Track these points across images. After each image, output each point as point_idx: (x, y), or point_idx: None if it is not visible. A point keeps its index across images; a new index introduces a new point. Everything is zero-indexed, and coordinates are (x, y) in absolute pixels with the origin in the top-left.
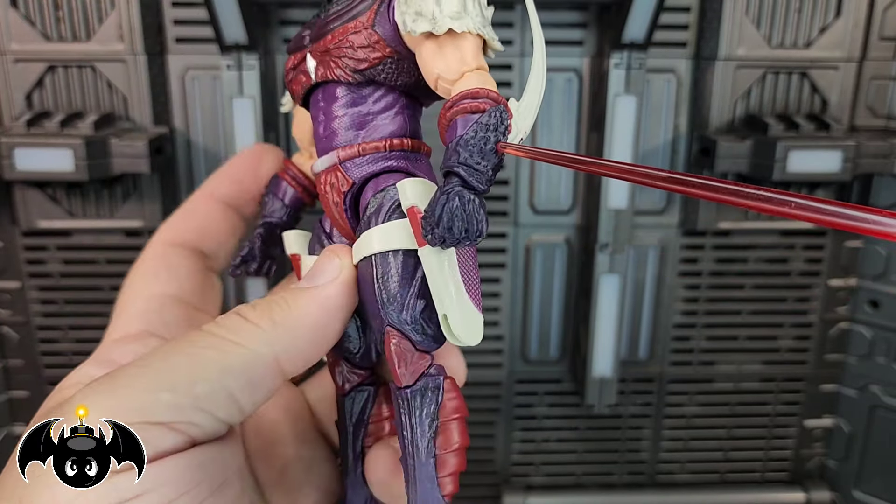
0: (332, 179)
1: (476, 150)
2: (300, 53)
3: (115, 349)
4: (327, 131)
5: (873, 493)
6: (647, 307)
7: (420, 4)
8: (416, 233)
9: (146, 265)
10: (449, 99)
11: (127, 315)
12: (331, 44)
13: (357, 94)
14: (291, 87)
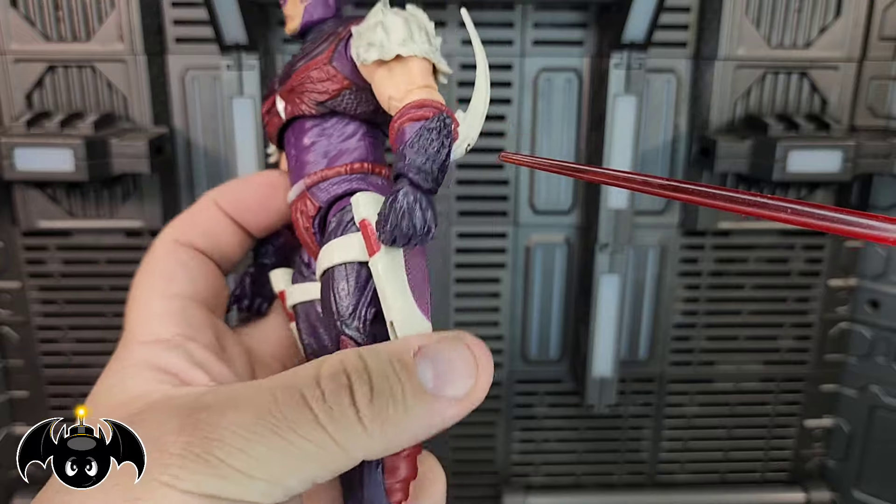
0: (301, 206)
1: (421, 150)
2: (271, 98)
3: (156, 353)
4: (297, 164)
5: (873, 493)
6: (647, 307)
7: (370, 35)
8: (367, 243)
9: (159, 263)
10: (398, 111)
11: (149, 315)
12: (295, 82)
13: (322, 126)
14: (267, 130)
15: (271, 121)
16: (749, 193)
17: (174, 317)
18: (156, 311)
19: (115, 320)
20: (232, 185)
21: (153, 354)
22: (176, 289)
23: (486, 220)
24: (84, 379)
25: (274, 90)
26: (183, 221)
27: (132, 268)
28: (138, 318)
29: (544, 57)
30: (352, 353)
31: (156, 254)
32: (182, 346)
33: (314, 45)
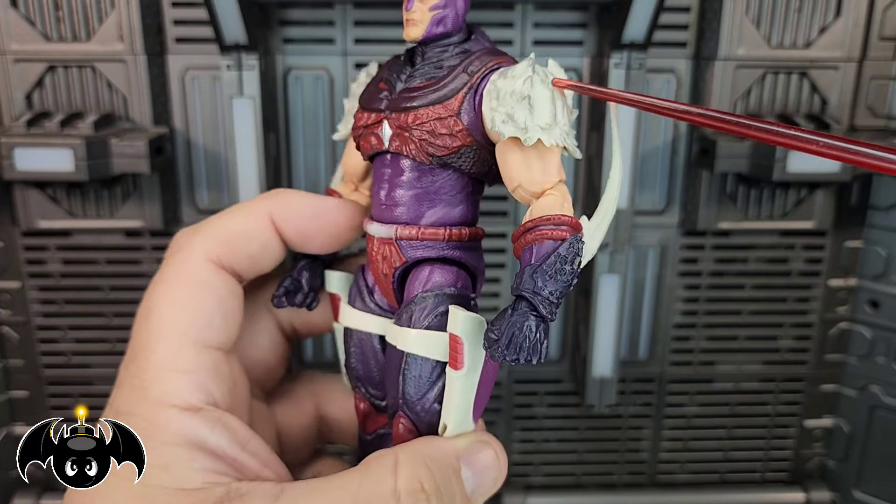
0: (385, 251)
1: (551, 280)
2: (375, 116)
3: (196, 429)
4: (389, 200)
5: (873, 493)
6: (647, 307)
7: (513, 107)
8: (452, 357)
9: (194, 293)
10: (530, 219)
11: (181, 367)
12: (413, 123)
13: (426, 172)
14: (359, 142)
15: (367, 137)
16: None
17: (206, 377)
18: (189, 365)
19: (116, 320)
20: (295, 206)
21: (194, 430)
22: (212, 337)
23: (486, 221)
24: (84, 379)
25: (380, 109)
26: (221, 236)
27: (132, 268)
28: (168, 365)
29: (544, 57)
30: (421, 467)
31: (186, 274)
32: (222, 421)
33: (439, 76)
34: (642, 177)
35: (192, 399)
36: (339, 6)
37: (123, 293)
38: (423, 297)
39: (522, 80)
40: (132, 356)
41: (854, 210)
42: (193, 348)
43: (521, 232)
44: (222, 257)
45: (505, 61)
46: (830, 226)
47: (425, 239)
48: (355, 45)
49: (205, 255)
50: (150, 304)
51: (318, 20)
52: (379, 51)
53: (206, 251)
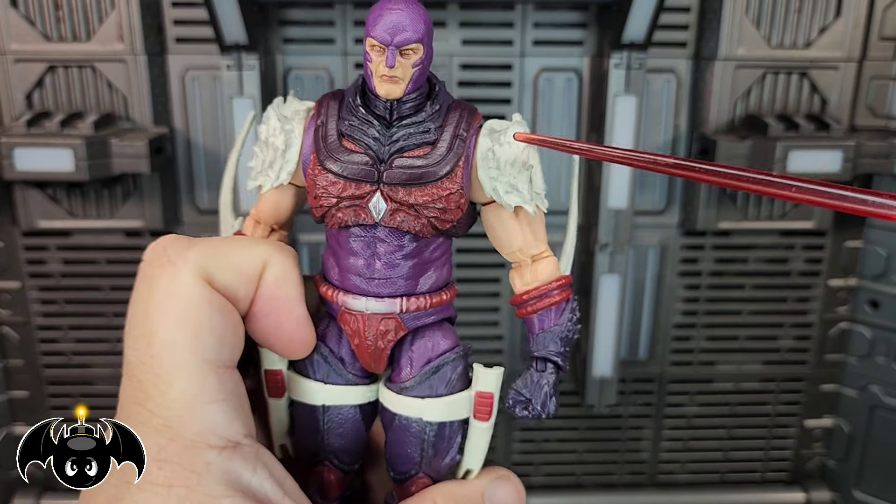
0: (381, 326)
1: (566, 339)
2: (363, 187)
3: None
4: (380, 274)
5: (873, 493)
6: (647, 307)
7: (516, 177)
8: (481, 412)
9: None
10: (542, 285)
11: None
12: (419, 199)
13: (424, 243)
14: (334, 212)
15: (346, 210)
16: (754, 171)
17: (234, 404)
18: (216, 393)
19: (116, 320)
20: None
21: (237, 475)
22: (226, 358)
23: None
24: (84, 379)
25: (370, 179)
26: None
27: (132, 268)
28: (195, 396)
29: (544, 57)
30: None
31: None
32: (261, 459)
33: (429, 141)
34: (642, 177)
35: (228, 433)
36: (339, 6)
37: (123, 293)
38: (438, 366)
39: (521, 148)
40: (143, 391)
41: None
42: (214, 373)
43: (535, 297)
44: (214, 279)
45: (479, 115)
46: (830, 226)
47: (432, 307)
48: (355, 45)
49: (196, 269)
50: (149, 329)
51: (318, 20)
52: None
53: (198, 266)
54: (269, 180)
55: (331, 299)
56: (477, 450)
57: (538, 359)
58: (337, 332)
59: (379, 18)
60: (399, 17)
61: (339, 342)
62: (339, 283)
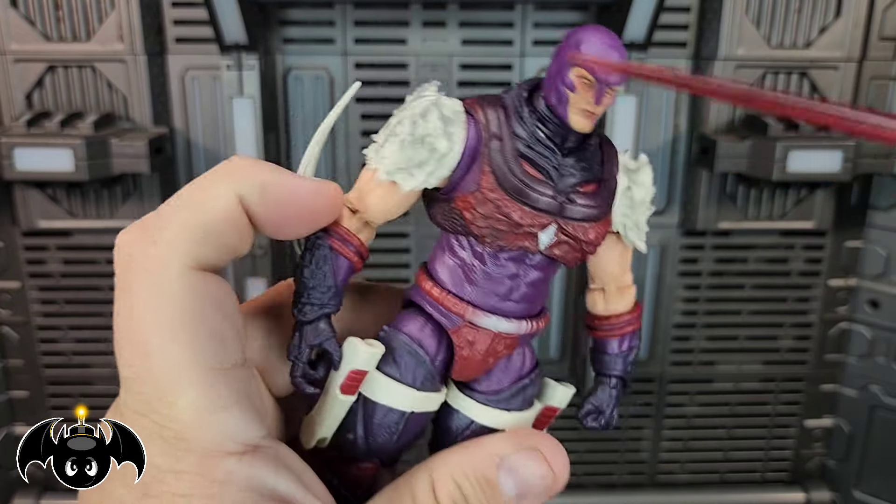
0: (499, 345)
1: (634, 362)
2: (543, 218)
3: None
4: (518, 297)
5: (873, 493)
6: (647, 307)
7: (640, 217)
8: (541, 422)
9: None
10: (627, 312)
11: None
12: (590, 235)
13: (553, 270)
14: (500, 235)
15: (517, 235)
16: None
17: (245, 405)
18: (226, 399)
19: None
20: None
21: (260, 479)
22: (229, 356)
23: None
24: (84, 379)
25: (548, 209)
26: (196, 234)
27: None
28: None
29: (544, 57)
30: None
31: (171, 292)
32: (282, 460)
33: (596, 177)
34: None
35: (246, 437)
36: (339, 6)
37: None
38: (528, 382)
39: (651, 188)
40: (146, 403)
41: (854, 210)
42: (221, 377)
43: (619, 324)
44: (201, 258)
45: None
46: (830, 226)
47: (542, 329)
48: (355, 45)
49: (182, 261)
50: (141, 339)
51: (318, 20)
52: (379, 50)
53: (182, 256)
54: (414, 181)
55: (454, 311)
56: None
57: (612, 376)
58: (436, 338)
59: (595, 50)
60: (617, 56)
61: (438, 348)
62: (470, 299)
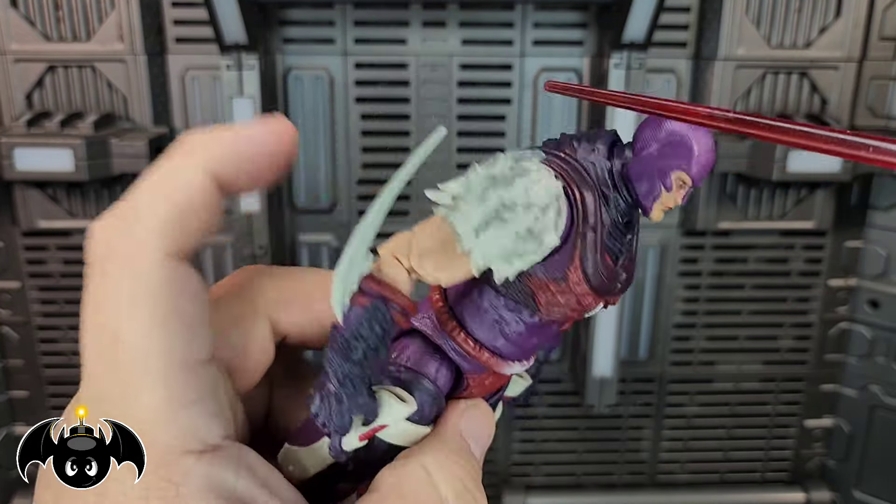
0: (505, 381)
1: None
2: (601, 299)
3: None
4: (537, 348)
5: (873, 493)
6: (647, 307)
7: None
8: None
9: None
10: None
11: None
12: (614, 303)
13: None
14: (567, 316)
15: (569, 316)
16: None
17: (210, 403)
18: (190, 394)
19: None
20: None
21: (219, 478)
22: (201, 350)
23: None
24: None
25: (612, 291)
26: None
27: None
28: (165, 400)
29: (544, 57)
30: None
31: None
32: (244, 460)
33: (631, 258)
34: None
35: (208, 436)
36: (339, 6)
37: None
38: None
39: None
40: (108, 399)
41: (854, 210)
42: (187, 371)
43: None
44: (178, 244)
45: None
46: (830, 226)
47: None
48: (355, 45)
49: (159, 250)
50: (112, 327)
51: (318, 20)
52: (379, 50)
53: (159, 244)
54: (511, 270)
55: (481, 361)
56: None
57: None
58: (450, 376)
59: (703, 159)
60: (712, 159)
61: (449, 384)
62: (500, 351)
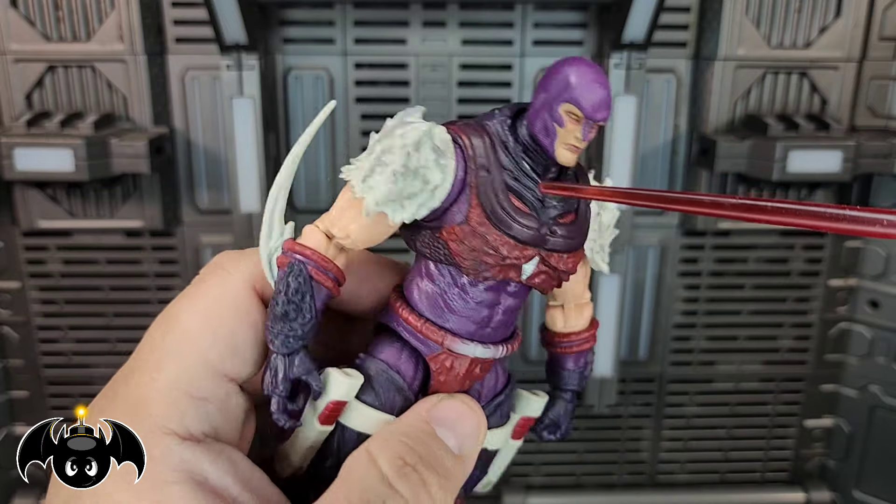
0: (479, 368)
1: (588, 376)
2: (529, 251)
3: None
4: (496, 323)
5: (873, 493)
6: (647, 307)
7: (606, 240)
8: (520, 433)
9: (230, 317)
10: (584, 331)
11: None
12: (569, 265)
13: (522, 298)
14: (487, 268)
15: (504, 266)
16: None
17: (214, 409)
18: (202, 392)
19: (116, 320)
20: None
21: (195, 463)
22: (232, 369)
23: None
24: (84, 379)
25: (536, 243)
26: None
27: (132, 268)
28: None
29: (544, 57)
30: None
31: (223, 294)
32: (224, 453)
33: (573, 208)
34: (642, 176)
35: (193, 428)
36: (339, 6)
37: (123, 293)
38: (503, 399)
39: (615, 211)
40: (134, 369)
41: None
42: (211, 375)
43: (577, 340)
44: (266, 288)
45: None
46: None
47: (515, 351)
48: (355, 45)
49: (249, 279)
50: (171, 316)
51: (318, 20)
52: (379, 50)
53: (251, 276)
54: (404, 213)
55: (432, 339)
56: (503, 464)
57: (569, 391)
58: (413, 363)
59: (589, 91)
60: (606, 95)
61: (415, 373)
62: (449, 327)
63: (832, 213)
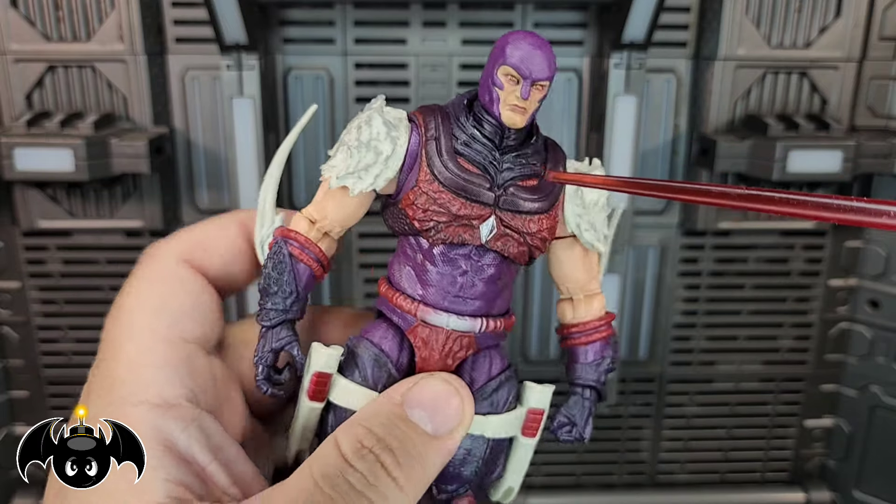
0: (455, 345)
1: (608, 372)
2: (479, 209)
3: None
4: (467, 293)
5: (873, 493)
6: (647, 307)
7: (595, 217)
8: (531, 428)
9: (163, 288)
10: (596, 320)
11: (152, 361)
12: (532, 227)
13: (510, 267)
14: (442, 228)
15: (457, 228)
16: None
17: (181, 371)
18: (159, 360)
19: None
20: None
21: (165, 428)
22: (184, 331)
23: None
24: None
25: (485, 202)
26: (193, 239)
27: (132, 268)
28: (139, 361)
29: None
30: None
31: (157, 273)
32: (197, 421)
33: (536, 172)
34: (642, 176)
35: (166, 393)
36: (339, 6)
37: None
38: (498, 384)
39: (606, 192)
40: (101, 357)
41: None
42: (165, 343)
43: (586, 331)
44: (195, 257)
45: (564, 154)
46: (830, 226)
47: (503, 330)
48: (355, 45)
49: (177, 255)
50: (119, 304)
51: (318, 20)
52: (379, 50)
53: (179, 252)
54: (362, 184)
55: (406, 311)
56: (520, 466)
57: (584, 386)
58: (397, 341)
59: (521, 51)
60: (540, 54)
61: (400, 351)
62: (421, 297)
63: (839, 204)
